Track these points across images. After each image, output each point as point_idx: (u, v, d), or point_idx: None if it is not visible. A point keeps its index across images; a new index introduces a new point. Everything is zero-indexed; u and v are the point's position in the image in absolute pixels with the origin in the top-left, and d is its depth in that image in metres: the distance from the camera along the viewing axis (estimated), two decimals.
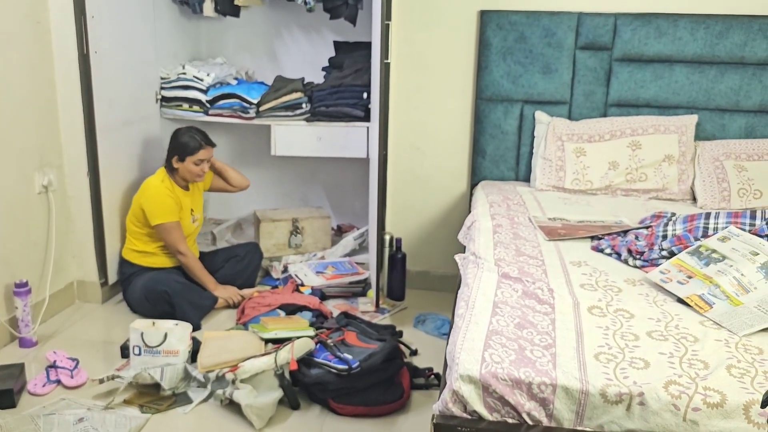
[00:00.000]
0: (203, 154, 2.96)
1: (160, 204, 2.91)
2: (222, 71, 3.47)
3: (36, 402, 2.25)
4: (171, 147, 2.99)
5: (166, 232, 2.93)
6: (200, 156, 2.95)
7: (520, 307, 1.66)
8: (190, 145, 2.94)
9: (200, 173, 2.99)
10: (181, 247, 2.96)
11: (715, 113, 3.01)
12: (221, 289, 3.04)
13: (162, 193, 2.93)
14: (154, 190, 2.94)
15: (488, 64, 3.11)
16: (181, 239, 2.96)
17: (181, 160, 2.96)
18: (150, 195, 2.94)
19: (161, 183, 2.96)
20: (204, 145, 2.96)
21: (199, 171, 2.98)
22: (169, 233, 2.93)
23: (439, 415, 1.37)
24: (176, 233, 2.95)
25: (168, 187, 2.97)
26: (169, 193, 2.94)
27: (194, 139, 2.95)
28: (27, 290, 2.62)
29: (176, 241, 2.95)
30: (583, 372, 1.36)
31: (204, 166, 2.99)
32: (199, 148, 2.94)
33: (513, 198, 2.80)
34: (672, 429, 1.29)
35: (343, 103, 3.29)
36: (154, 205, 2.92)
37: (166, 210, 2.92)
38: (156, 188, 2.95)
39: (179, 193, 3.02)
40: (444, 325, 2.93)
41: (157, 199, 2.92)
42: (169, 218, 2.92)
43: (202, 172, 2.99)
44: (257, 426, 2.12)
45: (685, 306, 1.71)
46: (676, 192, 2.90)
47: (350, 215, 3.95)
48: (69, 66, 2.84)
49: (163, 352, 2.40)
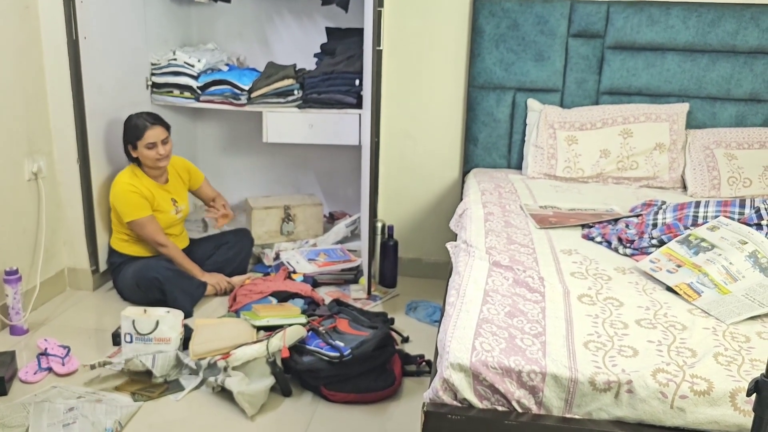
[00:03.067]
0: (151, 135, 2.84)
1: (126, 201, 2.87)
2: (213, 57, 3.44)
3: (27, 390, 2.25)
4: (123, 137, 2.91)
5: (140, 227, 2.90)
6: (149, 139, 2.84)
7: (511, 296, 1.67)
8: (138, 127, 2.85)
9: (159, 157, 2.88)
10: (159, 238, 2.92)
11: (707, 101, 3.01)
12: (208, 276, 3.03)
13: (126, 189, 2.86)
14: (120, 187, 2.88)
15: (481, 52, 3.10)
16: (157, 231, 2.92)
17: (134, 148, 2.88)
18: (116, 193, 2.89)
19: (128, 179, 2.89)
20: (149, 126, 2.84)
21: (155, 155, 2.87)
22: (143, 228, 2.90)
23: (429, 403, 1.38)
24: (150, 227, 2.90)
25: (136, 181, 2.90)
26: (134, 189, 2.87)
27: (140, 120, 2.86)
28: (17, 278, 2.61)
29: (153, 234, 2.91)
30: (572, 360, 1.37)
31: (159, 149, 2.86)
32: (144, 129, 2.83)
33: (505, 186, 2.81)
34: (659, 416, 1.30)
35: (335, 90, 3.27)
36: (122, 204, 2.87)
37: (135, 206, 2.87)
38: (121, 185, 2.88)
39: (153, 186, 2.95)
40: (435, 312, 2.94)
41: (124, 196, 2.87)
42: (139, 214, 2.88)
43: (159, 156, 2.88)
44: (249, 413, 2.13)
45: (673, 294, 1.72)
46: (666, 180, 2.92)
47: (342, 202, 3.95)
48: (58, 51, 2.81)
49: (155, 340, 2.40)
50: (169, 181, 3.06)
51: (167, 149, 2.93)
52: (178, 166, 3.15)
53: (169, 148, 2.94)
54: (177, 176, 3.12)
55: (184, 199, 3.13)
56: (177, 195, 3.08)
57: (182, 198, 3.11)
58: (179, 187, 3.12)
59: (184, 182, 3.16)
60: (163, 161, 2.93)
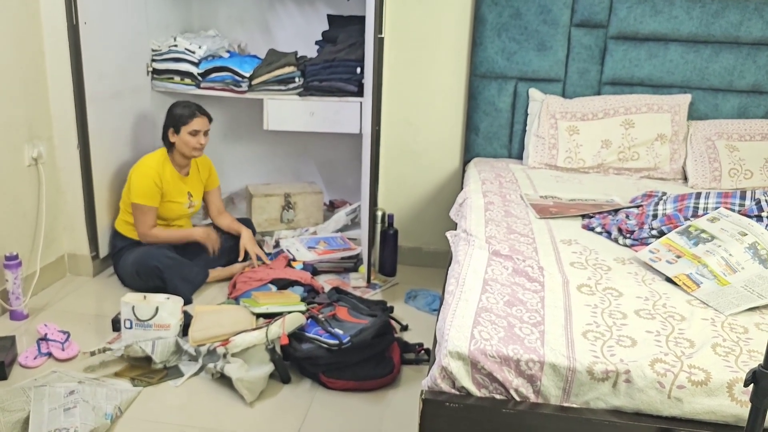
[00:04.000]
0: (197, 123, 2.93)
1: (143, 185, 2.89)
2: (214, 44, 3.43)
3: (27, 374, 2.26)
4: (166, 121, 2.97)
5: (139, 212, 2.91)
6: (194, 126, 2.92)
7: (510, 285, 1.67)
8: (185, 114, 2.92)
9: (197, 146, 2.95)
10: (143, 229, 2.93)
11: (709, 93, 3.00)
12: (199, 231, 3.06)
13: (148, 174, 2.90)
14: (145, 170, 2.92)
15: (483, 41, 3.09)
16: (147, 223, 2.93)
17: (176, 132, 2.94)
18: (140, 173, 2.92)
19: (156, 164, 2.93)
20: (198, 114, 2.94)
21: (195, 143, 2.94)
22: (141, 214, 2.91)
23: (427, 390, 1.39)
24: (147, 217, 2.92)
25: (161, 169, 2.93)
26: (155, 177, 2.90)
27: (188, 108, 2.94)
28: (17, 263, 2.61)
29: (143, 224, 2.92)
30: (570, 349, 1.37)
31: (200, 138, 2.95)
32: (192, 116, 2.92)
33: (505, 175, 2.80)
34: (657, 406, 1.31)
35: (337, 77, 3.26)
36: (138, 183, 2.90)
37: (148, 192, 2.89)
38: (146, 168, 2.92)
39: (174, 176, 2.99)
40: (435, 301, 2.95)
41: (144, 179, 2.89)
42: (146, 201, 2.89)
43: (198, 145, 2.95)
44: (248, 399, 2.14)
45: (673, 285, 1.72)
46: (667, 171, 2.91)
47: (342, 191, 3.95)
48: (58, 37, 2.80)
49: (155, 326, 2.41)
50: (189, 174, 3.08)
51: (205, 141, 2.99)
52: (202, 163, 3.18)
53: (206, 141, 3.00)
54: (197, 172, 3.14)
55: (199, 195, 3.15)
56: (193, 190, 3.10)
57: (197, 194, 3.13)
58: (197, 183, 3.14)
59: (203, 180, 3.17)
60: (198, 152, 2.99)
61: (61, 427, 1.80)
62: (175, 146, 2.97)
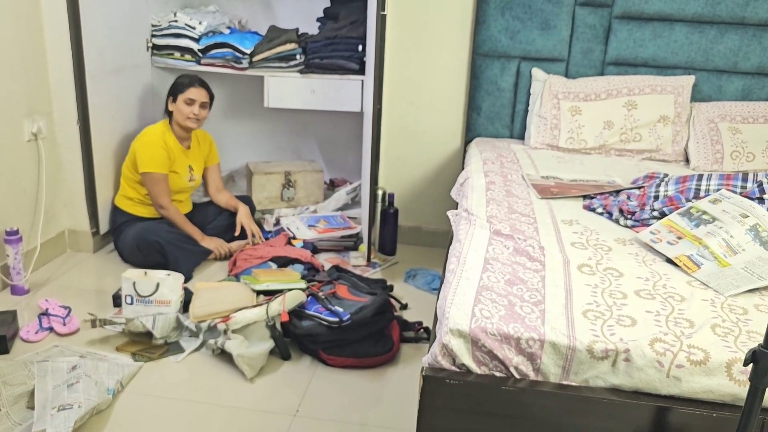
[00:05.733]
0: (193, 92, 2.92)
1: (151, 152, 2.89)
2: (214, 20, 3.39)
3: (29, 348, 2.27)
4: (168, 91, 2.99)
5: (152, 181, 2.90)
6: (190, 94, 2.91)
7: (511, 264, 1.67)
8: (183, 83, 2.94)
9: (191, 115, 2.93)
10: (163, 200, 2.93)
11: (713, 74, 2.99)
12: (208, 240, 3.03)
13: (156, 142, 2.90)
14: (150, 138, 2.92)
15: (486, 19, 3.06)
16: (163, 193, 2.92)
17: (174, 100, 2.94)
18: (144, 141, 2.92)
19: (160, 133, 2.94)
20: (196, 84, 2.94)
21: (189, 113, 2.92)
22: (155, 184, 2.90)
23: (428, 367, 1.40)
24: (161, 186, 2.91)
25: (165, 139, 2.93)
26: (164, 145, 2.91)
27: (188, 78, 2.95)
28: (18, 238, 2.61)
29: (159, 194, 2.92)
30: (570, 328, 1.38)
31: (194, 109, 2.93)
32: (189, 85, 2.92)
33: (507, 155, 2.80)
34: (655, 385, 1.32)
35: (338, 55, 3.24)
36: (145, 152, 2.89)
37: (157, 160, 2.89)
38: (152, 136, 2.92)
39: (176, 146, 2.99)
40: (434, 280, 2.95)
41: (151, 147, 2.89)
42: (157, 168, 2.89)
43: (193, 115, 2.93)
44: (248, 375, 2.16)
45: (673, 266, 1.73)
46: (669, 153, 2.90)
47: (343, 169, 3.94)
48: (57, 11, 2.77)
49: (155, 302, 2.42)
50: (191, 148, 3.08)
51: (202, 114, 2.98)
52: (202, 138, 3.18)
53: (204, 113, 2.99)
54: (199, 146, 3.14)
55: (199, 169, 3.14)
56: (194, 164, 3.09)
57: (198, 168, 3.12)
58: (198, 157, 3.13)
59: (204, 155, 3.16)
60: (193, 122, 2.96)
61: (65, 403, 1.82)
62: (174, 116, 2.96)
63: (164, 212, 2.95)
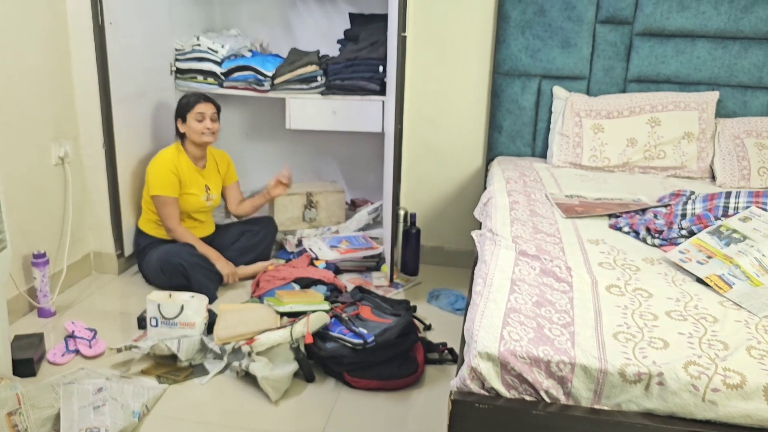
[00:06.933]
0: (201, 107, 2.94)
1: (160, 176, 2.92)
2: (236, 43, 3.44)
3: (55, 371, 2.29)
4: (175, 113, 3.02)
5: (161, 204, 2.93)
6: (199, 109, 2.94)
7: (538, 285, 1.66)
8: (189, 101, 2.96)
9: (204, 131, 2.95)
10: (171, 223, 2.94)
11: (737, 90, 2.95)
12: (222, 263, 2.99)
13: (166, 166, 2.93)
14: (160, 162, 2.95)
15: (506, 38, 3.06)
16: (172, 216, 2.94)
17: (183, 121, 2.97)
18: (154, 165, 2.96)
19: (171, 156, 2.96)
20: (201, 100, 2.96)
21: (203, 128, 2.95)
22: (164, 206, 2.93)
23: (456, 391, 1.38)
24: (170, 208, 2.93)
25: (177, 160, 2.96)
26: (172, 168, 2.92)
27: (193, 96, 2.99)
28: (45, 261, 2.65)
29: (168, 217, 2.94)
30: (601, 351, 1.36)
31: (207, 123, 2.95)
32: (196, 102, 2.95)
33: (529, 174, 2.78)
34: (690, 409, 1.29)
35: (359, 76, 3.26)
36: (154, 176, 2.93)
37: (165, 183, 2.91)
38: (162, 160, 2.95)
39: (190, 168, 3.00)
40: (458, 300, 2.93)
41: (159, 171, 2.92)
42: (165, 192, 2.91)
43: (206, 130, 2.96)
44: (273, 398, 2.15)
45: (704, 286, 1.70)
46: (694, 170, 2.87)
47: (364, 189, 3.95)
48: (84, 37, 2.83)
49: (180, 324, 2.43)
50: (206, 167, 3.10)
51: (215, 127, 3.00)
52: (219, 157, 3.20)
53: (216, 127, 3.01)
54: (215, 165, 3.16)
55: (217, 189, 3.15)
56: (211, 183, 3.11)
57: (216, 188, 3.14)
58: (215, 176, 3.15)
59: (221, 174, 3.19)
60: (208, 137, 2.98)
61: (92, 426, 1.82)
62: (186, 136, 2.99)
63: (173, 235, 2.97)
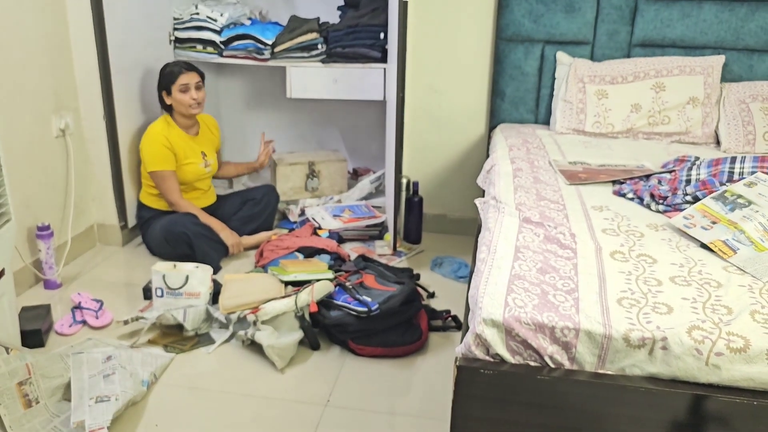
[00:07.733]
0: (184, 78, 2.90)
1: (153, 151, 2.90)
2: (235, 11, 3.39)
3: (63, 342, 2.31)
4: (158, 85, 2.97)
5: (160, 179, 2.92)
6: (182, 80, 2.89)
7: (542, 252, 1.66)
8: (172, 72, 2.91)
9: (191, 102, 2.92)
10: (172, 196, 2.94)
11: (744, 54, 2.92)
12: (227, 233, 2.99)
13: (156, 140, 2.90)
14: (152, 137, 2.92)
15: (509, 3, 3.02)
16: (172, 189, 2.94)
17: (168, 93, 2.93)
18: (147, 141, 2.94)
19: (161, 129, 2.93)
20: (184, 70, 2.91)
21: (189, 99, 2.91)
22: (163, 181, 2.92)
23: (461, 357, 1.39)
24: (169, 182, 2.93)
25: (167, 133, 2.93)
26: (164, 141, 2.90)
27: (175, 66, 2.93)
28: (49, 233, 2.65)
29: (168, 191, 2.93)
30: (606, 316, 1.36)
31: (192, 93, 2.91)
32: (179, 72, 2.90)
33: (532, 141, 2.76)
34: (694, 373, 1.30)
35: (360, 43, 3.22)
36: (148, 152, 2.91)
37: (160, 158, 2.90)
38: (154, 134, 2.93)
39: (183, 137, 2.98)
40: (461, 268, 2.94)
41: (151, 146, 2.91)
42: (162, 166, 2.90)
43: (192, 100, 2.92)
44: (279, 366, 2.17)
45: (708, 251, 1.70)
46: (699, 135, 2.85)
47: (366, 158, 3.93)
48: (81, 7, 2.79)
49: (185, 294, 2.44)
50: (199, 134, 3.08)
51: (200, 96, 2.96)
52: (209, 122, 3.18)
53: (202, 95, 2.97)
54: (208, 131, 3.13)
55: (213, 154, 3.14)
56: (206, 149, 3.09)
57: (211, 153, 3.12)
58: (209, 141, 3.13)
59: (216, 139, 3.16)
60: (196, 108, 2.95)
61: (102, 394, 1.84)
62: (173, 108, 2.96)
63: (176, 208, 2.97)
